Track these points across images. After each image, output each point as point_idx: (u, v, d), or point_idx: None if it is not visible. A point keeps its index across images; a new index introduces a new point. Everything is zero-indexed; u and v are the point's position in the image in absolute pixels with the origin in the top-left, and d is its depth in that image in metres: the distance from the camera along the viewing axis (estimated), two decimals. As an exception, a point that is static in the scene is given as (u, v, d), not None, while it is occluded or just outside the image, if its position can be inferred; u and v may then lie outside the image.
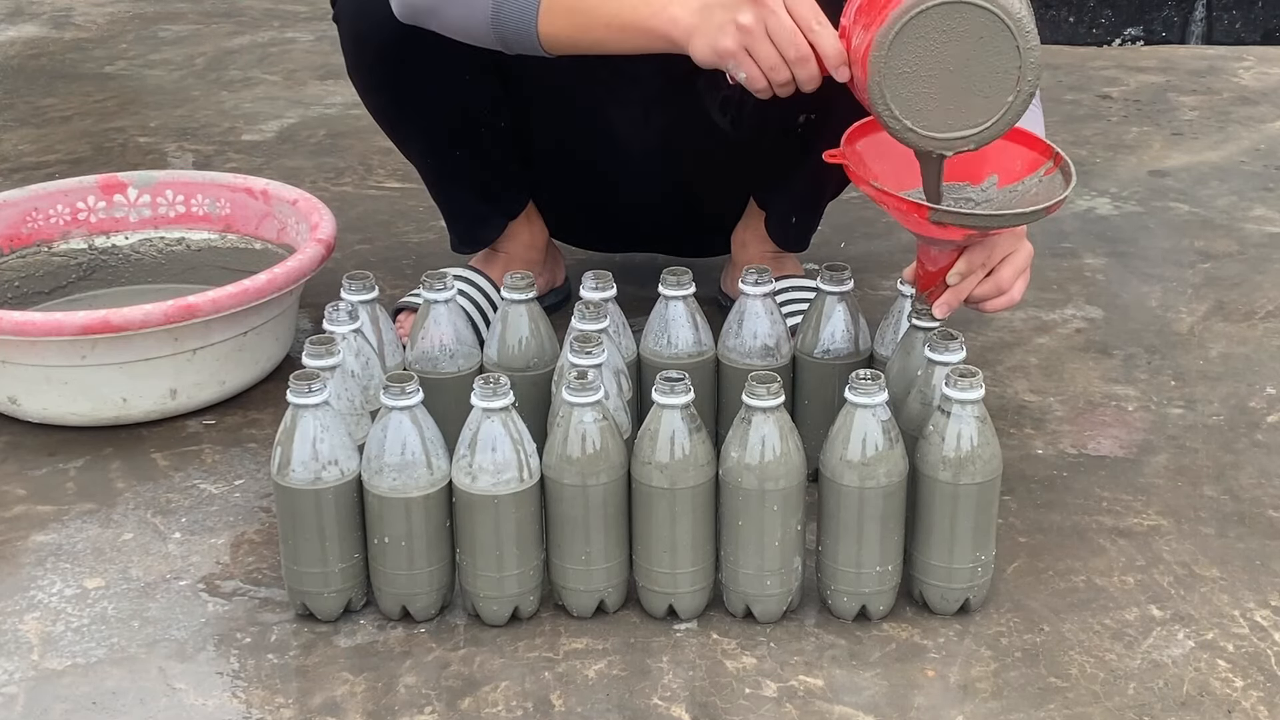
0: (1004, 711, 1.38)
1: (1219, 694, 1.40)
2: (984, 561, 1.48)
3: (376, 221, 2.47)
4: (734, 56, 1.49)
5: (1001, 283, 1.57)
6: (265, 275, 1.84)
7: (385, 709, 1.39)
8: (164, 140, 2.88)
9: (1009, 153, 1.59)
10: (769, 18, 1.46)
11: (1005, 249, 1.58)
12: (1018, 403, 1.90)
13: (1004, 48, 1.41)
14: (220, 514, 1.69)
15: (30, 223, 2.10)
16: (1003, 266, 1.58)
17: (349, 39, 1.85)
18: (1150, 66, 3.28)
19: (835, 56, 1.47)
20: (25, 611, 1.53)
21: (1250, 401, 1.91)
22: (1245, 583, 1.56)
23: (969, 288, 1.57)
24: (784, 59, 1.47)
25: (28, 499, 1.72)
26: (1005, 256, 1.58)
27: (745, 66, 1.49)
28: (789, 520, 1.44)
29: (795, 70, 1.48)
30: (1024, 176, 1.60)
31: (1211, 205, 2.54)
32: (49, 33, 3.63)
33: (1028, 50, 1.41)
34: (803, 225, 1.99)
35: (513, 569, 1.46)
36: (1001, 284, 1.57)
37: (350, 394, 1.54)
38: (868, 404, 1.41)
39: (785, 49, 1.46)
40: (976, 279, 1.57)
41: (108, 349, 1.78)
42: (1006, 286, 1.58)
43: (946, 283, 1.57)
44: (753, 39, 1.47)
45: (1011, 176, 1.60)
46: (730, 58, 1.49)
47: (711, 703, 1.39)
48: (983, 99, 1.43)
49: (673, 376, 1.42)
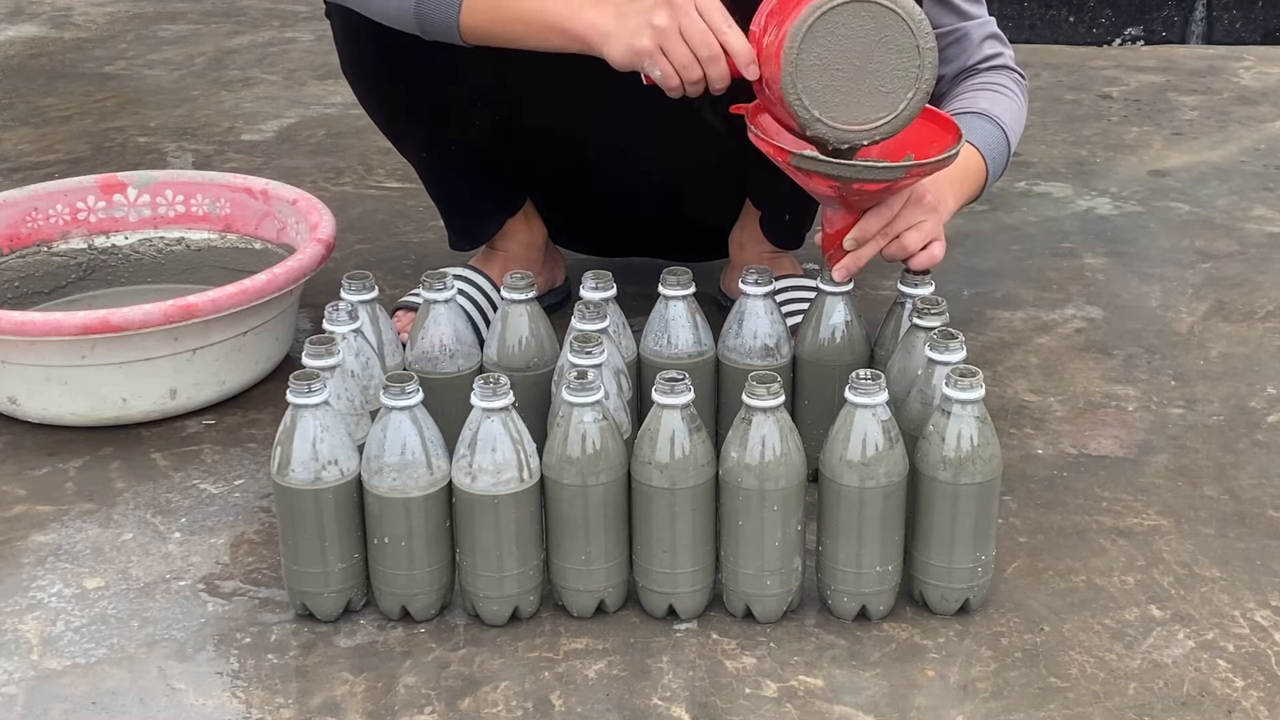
0: (1004, 711, 1.38)
1: (1219, 694, 1.40)
2: (984, 561, 1.48)
3: (376, 221, 2.47)
4: (650, 55, 1.56)
5: (907, 246, 1.65)
6: (265, 275, 1.84)
7: (385, 709, 1.39)
8: (164, 140, 2.88)
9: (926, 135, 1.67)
10: (682, 19, 1.53)
11: (909, 217, 1.65)
12: (1018, 403, 1.90)
13: (905, 46, 1.52)
14: (220, 514, 1.69)
15: (30, 223, 2.10)
16: (908, 233, 1.65)
17: (342, 35, 1.86)
18: (1150, 66, 3.28)
19: (745, 55, 1.55)
20: (25, 611, 1.53)
21: (1250, 401, 1.91)
22: (1245, 583, 1.56)
23: (868, 253, 1.65)
24: (696, 58, 1.55)
25: (28, 499, 1.72)
26: (913, 224, 1.65)
27: (660, 65, 1.56)
28: (789, 520, 1.44)
29: (707, 69, 1.55)
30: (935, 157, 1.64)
31: (1211, 205, 2.54)
32: (49, 32, 3.63)
33: (926, 50, 1.52)
34: (796, 223, 2.00)
35: (513, 569, 1.46)
36: (907, 248, 1.65)
37: (350, 394, 1.54)
38: (868, 404, 1.41)
39: (698, 48, 1.54)
40: (876, 244, 1.65)
41: (107, 349, 1.78)
42: (911, 250, 1.65)
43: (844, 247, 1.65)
44: (667, 39, 1.54)
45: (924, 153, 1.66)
46: (646, 56, 1.56)
47: (711, 703, 1.39)
48: (885, 94, 1.54)
49: (673, 376, 1.42)
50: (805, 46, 1.51)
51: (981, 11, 1.93)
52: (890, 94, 1.53)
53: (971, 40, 1.90)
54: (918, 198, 1.66)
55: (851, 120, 1.54)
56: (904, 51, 1.52)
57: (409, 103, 1.88)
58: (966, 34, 1.90)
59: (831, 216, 1.67)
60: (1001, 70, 1.92)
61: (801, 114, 1.53)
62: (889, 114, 1.54)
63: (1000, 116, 1.85)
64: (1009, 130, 1.86)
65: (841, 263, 1.65)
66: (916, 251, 1.66)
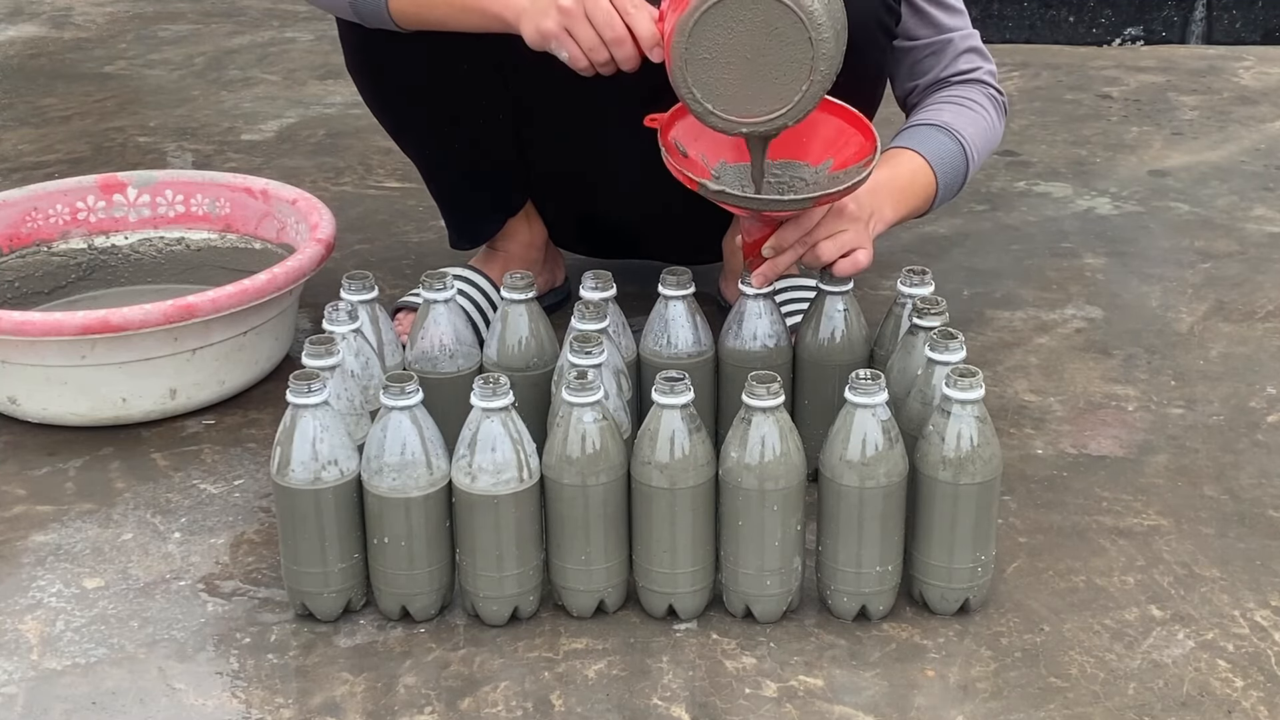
0: (1004, 711, 1.38)
1: (1219, 694, 1.40)
2: (984, 561, 1.48)
3: (376, 221, 2.47)
4: (556, 37, 1.56)
5: (821, 256, 1.65)
6: (265, 275, 1.84)
7: (385, 709, 1.39)
8: (163, 140, 2.88)
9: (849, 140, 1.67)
10: (587, 1, 1.53)
11: (828, 227, 1.65)
12: (1018, 403, 1.90)
13: (796, 39, 1.48)
14: (220, 514, 1.69)
15: (30, 223, 2.10)
16: (824, 242, 1.65)
17: (348, 34, 1.86)
18: (1150, 66, 3.28)
19: (649, 38, 1.55)
20: (25, 611, 1.53)
21: (1250, 401, 1.91)
22: (1245, 583, 1.56)
23: (785, 262, 1.65)
24: (602, 40, 1.55)
25: (28, 499, 1.72)
26: (832, 234, 1.65)
27: (567, 46, 1.56)
28: (789, 520, 1.44)
29: (613, 51, 1.55)
30: (851, 164, 1.65)
31: (1211, 205, 2.54)
32: (49, 32, 3.63)
33: (819, 42, 1.48)
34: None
35: (512, 569, 1.46)
36: (821, 257, 1.65)
37: (350, 394, 1.54)
38: (868, 404, 1.41)
39: (603, 30, 1.54)
40: (794, 254, 1.65)
41: (107, 349, 1.78)
42: (826, 259, 1.65)
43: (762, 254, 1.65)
44: (573, 20, 1.55)
45: (844, 162, 1.67)
46: (553, 38, 1.57)
47: (711, 703, 1.39)
48: (778, 86, 1.51)
49: (673, 376, 1.42)
50: (693, 40, 1.49)
51: (961, 24, 1.91)
52: (784, 86, 1.50)
53: (947, 53, 1.88)
54: (838, 208, 1.66)
55: (745, 113, 1.52)
56: (795, 44, 1.48)
57: (413, 102, 1.88)
58: (943, 46, 1.88)
59: (749, 226, 1.68)
60: (975, 84, 1.90)
61: (693, 106, 1.53)
62: (783, 106, 1.52)
63: (961, 131, 1.83)
64: (969, 145, 1.84)
65: (759, 270, 1.65)
66: (832, 260, 1.65)
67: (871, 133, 1.66)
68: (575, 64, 1.58)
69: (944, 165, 1.81)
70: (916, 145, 1.81)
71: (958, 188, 1.86)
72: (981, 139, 1.86)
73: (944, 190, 1.83)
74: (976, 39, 1.92)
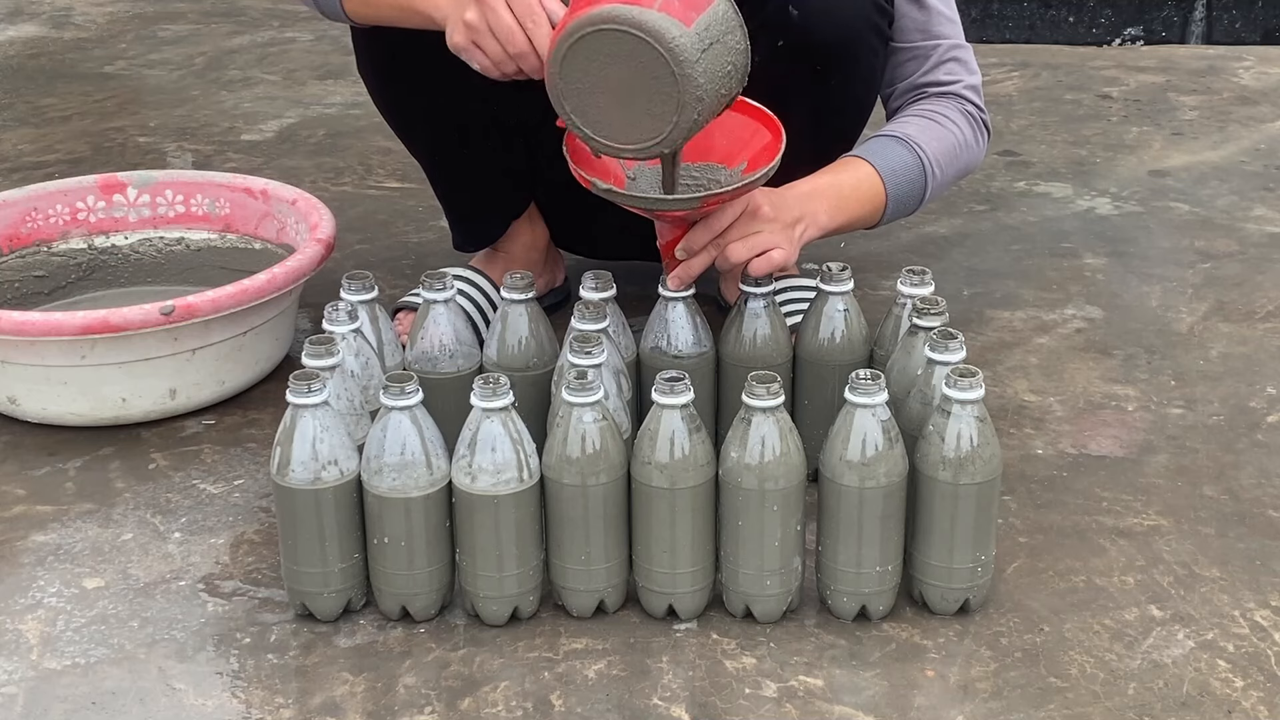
0: (1004, 711, 1.38)
1: (1219, 694, 1.40)
2: (984, 561, 1.48)
3: (376, 221, 2.47)
4: (465, 51, 1.59)
5: (730, 258, 1.65)
6: (265, 275, 1.84)
7: (385, 709, 1.39)
8: (163, 140, 2.88)
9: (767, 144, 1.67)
10: (489, 15, 1.55)
11: (741, 229, 1.66)
12: (1018, 403, 1.90)
13: (661, 73, 1.47)
14: (220, 514, 1.69)
15: (30, 223, 2.10)
16: (735, 244, 1.65)
17: (360, 36, 1.86)
18: (1150, 66, 3.28)
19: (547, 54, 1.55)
20: (25, 611, 1.53)
21: (1250, 401, 1.91)
22: (1245, 583, 1.56)
23: (698, 263, 1.65)
24: (506, 54, 1.56)
25: (27, 499, 1.72)
26: (744, 236, 1.65)
27: (476, 58, 1.59)
28: (789, 520, 1.44)
29: (519, 63, 1.57)
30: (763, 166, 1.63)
31: (1211, 205, 2.54)
32: (49, 32, 3.63)
33: (683, 77, 1.46)
34: None
35: (512, 569, 1.46)
36: (730, 259, 1.65)
37: (350, 394, 1.54)
38: (868, 404, 1.41)
39: (506, 44, 1.56)
40: (707, 256, 1.65)
41: (107, 349, 1.78)
42: (736, 261, 1.65)
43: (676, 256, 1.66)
44: (479, 35, 1.56)
45: (757, 164, 1.66)
46: (462, 51, 1.59)
47: (711, 703, 1.39)
48: (650, 117, 1.50)
49: (673, 376, 1.42)
50: (565, 70, 1.49)
51: (950, 32, 1.88)
52: (655, 118, 1.49)
53: (930, 59, 1.86)
54: (752, 209, 1.66)
55: (623, 138, 1.52)
56: (661, 78, 1.46)
57: (421, 104, 1.88)
58: (928, 52, 1.86)
59: (661, 228, 1.68)
60: (951, 99, 1.87)
61: (575, 130, 1.53)
62: (656, 136, 1.50)
63: (923, 145, 1.81)
64: (930, 159, 1.81)
65: (674, 272, 1.65)
66: (744, 262, 1.65)
67: (781, 136, 1.65)
68: (487, 74, 1.59)
69: (897, 178, 1.79)
70: (870, 155, 1.79)
71: (916, 202, 1.83)
72: (947, 155, 1.83)
73: (895, 203, 1.80)
74: (965, 51, 1.89)
